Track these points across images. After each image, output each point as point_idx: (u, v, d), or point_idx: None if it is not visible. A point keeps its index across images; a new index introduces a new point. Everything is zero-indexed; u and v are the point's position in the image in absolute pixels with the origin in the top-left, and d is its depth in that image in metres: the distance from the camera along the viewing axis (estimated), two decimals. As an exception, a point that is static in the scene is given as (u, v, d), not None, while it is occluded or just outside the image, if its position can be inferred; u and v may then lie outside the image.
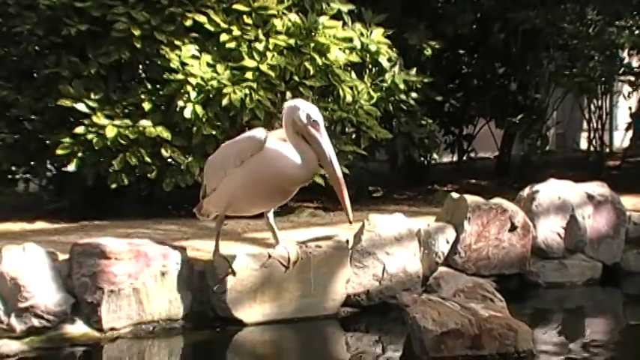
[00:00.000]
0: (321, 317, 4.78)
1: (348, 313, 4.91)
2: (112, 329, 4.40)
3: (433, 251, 5.21)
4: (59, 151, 5.92)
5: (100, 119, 5.86)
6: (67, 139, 5.91)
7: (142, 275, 4.46)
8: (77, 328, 4.36)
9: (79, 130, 5.86)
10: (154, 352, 4.41)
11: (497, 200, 5.45)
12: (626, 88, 8.92)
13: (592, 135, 9.03)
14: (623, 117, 10.67)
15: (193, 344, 4.56)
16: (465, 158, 9.36)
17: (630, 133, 9.43)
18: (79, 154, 5.92)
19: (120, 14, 5.95)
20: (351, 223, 4.37)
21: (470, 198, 5.38)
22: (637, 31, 7.25)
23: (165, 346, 4.46)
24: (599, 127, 8.97)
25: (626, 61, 8.10)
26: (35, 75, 6.36)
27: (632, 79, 8.17)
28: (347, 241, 4.95)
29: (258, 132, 4.32)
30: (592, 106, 8.94)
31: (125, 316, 4.43)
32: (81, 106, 5.90)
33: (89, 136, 5.83)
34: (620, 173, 8.70)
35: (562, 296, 5.52)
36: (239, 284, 4.57)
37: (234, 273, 4.56)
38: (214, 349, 4.53)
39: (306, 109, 4.12)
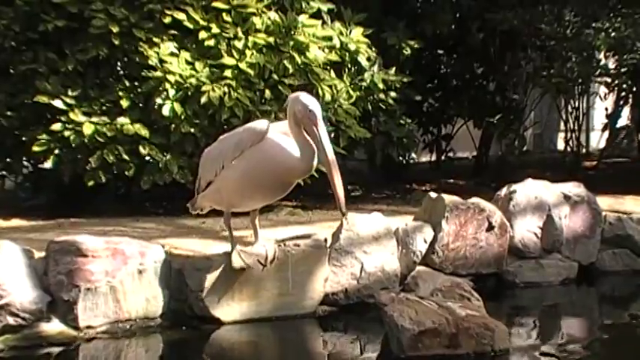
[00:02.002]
0: (299, 316, 4.78)
1: (326, 312, 4.91)
2: (88, 327, 4.37)
3: (411, 250, 5.23)
4: (36, 148, 5.87)
5: (77, 116, 5.82)
6: (44, 136, 5.86)
7: (119, 273, 4.44)
8: (53, 327, 4.33)
9: (56, 126, 5.81)
10: (130, 351, 4.38)
11: (474, 200, 5.48)
12: (603, 90, 9.00)
13: (569, 135, 9.11)
14: (599, 118, 10.78)
15: (170, 343, 4.53)
16: (443, 158, 9.41)
17: (606, 133, 9.52)
18: (56, 151, 5.88)
19: (98, 10, 5.91)
20: (344, 215, 4.35)
21: (448, 197, 5.40)
22: (613, 33, 7.31)
23: (142, 345, 4.44)
24: (576, 127, 9.04)
25: (602, 62, 8.17)
26: (12, 71, 6.29)
27: (609, 80, 8.24)
28: (325, 240, 4.95)
29: (260, 123, 4.31)
30: (569, 107, 9.02)
31: (102, 314, 4.40)
32: (58, 103, 5.86)
33: (66, 133, 5.79)
34: (596, 174, 8.78)
35: (538, 296, 5.56)
36: (217, 283, 4.55)
37: (249, 265, 4.52)
38: (192, 348, 4.51)
39: (305, 100, 4.11)
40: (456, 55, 8.89)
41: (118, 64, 6.31)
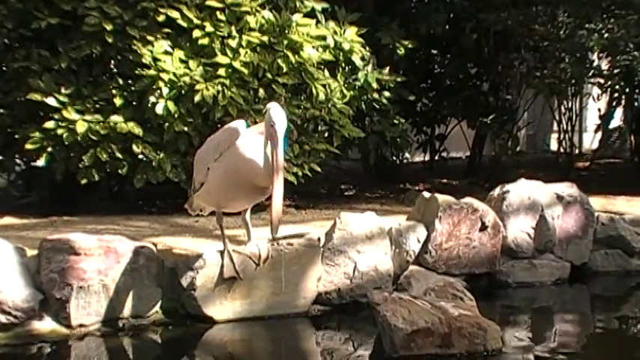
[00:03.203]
0: (291, 315, 4.78)
1: (319, 312, 4.91)
2: (80, 326, 4.36)
3: (404, 250, 5.23)
4: (29, 146, 5.86)
5: (70, 114, 5.80)
6: (37, 134, 5.84)
7: (112, 271, 4.43)
8: (45, 325, 4.32)
9: (49, 124, 5.80)
10: (123, 350, 4.38)
11: (468, 200, 5.48)
12: (596, 91, 9.02)
13: (562, 136, 9.14)
14: (592, 119, 10.81)
15: (163, 341, 4.53)
16: (436, 158, 9.42)
17: (599, 134, 9.54)
18: (49, 149, 5.86)
19: (91, 8, 5.89)
20: (274, 239, 4.34)
21: (441, 197, 5.40)
22: (606, 35, 7.33)
23: (135, 343, 4.43)
24: (569, 128, 9.06)
25: (595, 63, 8.20)
26: (4, 68, 6.27)
27: (602, 81, 8.26)
28: (318, 239, 4.95)
29: (235, 123, 4.33)
30: (562, 108, 9.04)
31: (94, 312, 4.39)
32: (51, 101, 5.84)
33: (59, 131, 5.77)
34: (589, 174, 8.80)
35: (531, 296, 5.57)
36: (209, 281, 4.55)
37: (240, 277, 4.56)
38: (184, 347, 4.50)
39: (272, 113, 4.10)
40: (449, 55, 8.91)
41: (112, 62, 6.29)
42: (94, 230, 5.11)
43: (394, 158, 8.38)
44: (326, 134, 6.55)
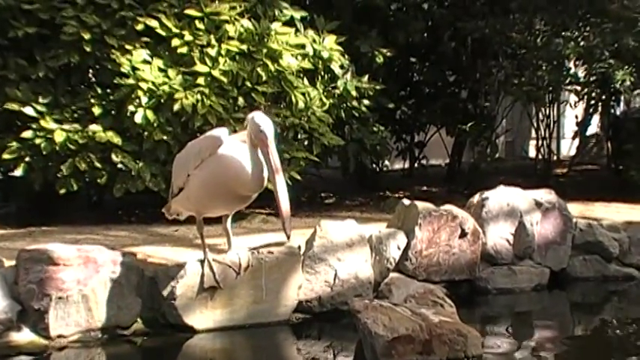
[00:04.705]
0: (272, 323, 4.77)
1: (300, 320, 4.91)
2: (59, 337, 4.33)
3: (384, 257, 5.24)
4: (6, 156, 5.81)
5: (48, 123, 5.76)
6: (15, 144, 5.80)
7: (91, 281, 4.40)
8: (24, 336, 4.28)
9: (27, 134, 5.75)
10: (102, 360, 4.36)
11: (447, 207, 5.51)
12: (573, 98, 9.10)
13: (540, 143, 9.20)
14: (570, 125, 10.90)
15: (143, 351, 4.51)
16: (416, 165, 9.44)
17: (577, 141, 9.62)
18: (27, 159, 5.82)
19: (69, 17, 5.87)
20: (288, 238, 4.36)
21: (421, 204, 5.42)
22: (582, 43, 7.40)
23: (115, 354, 4.39)
24: (547, 135, 9.13)
25: (572, 71, 8.27)
26: (-19, 78, 6.22)
27: (578, 88, 8.33)
28: (299, 247, 4.96)
29: (217, 131, 4.33)
30: (540, 115, 9.11)
31: (73, 323, 4.36)
32: (29, 110, 5.80)
33: (37, 141, 5.73)
34: (567, 181, 8.86)
35: (511, 302, 5.60)
36: (190, 290, 4.54)
37: (219, 286, 4.55)
38: (164, 357, 4.48)
39: (258, 120, 4.13)
40: (428, 63, 8.95)
41: (90, 71, 6.27)
42: (73, 240, 5.08)
43: (374, 166, 8.40)
44: (306, 142, 6.56)
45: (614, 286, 6.02)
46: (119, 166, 5.88)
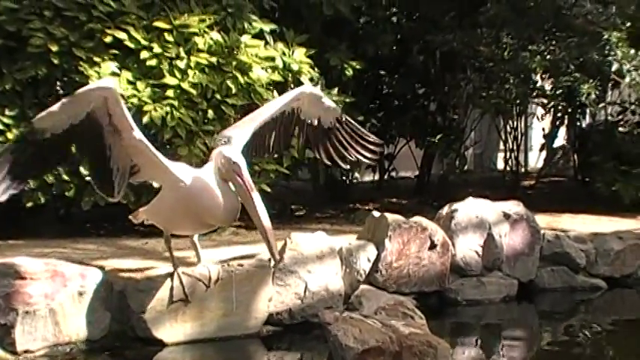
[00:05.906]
0: (243, 336, 4.76)
1: (271, 332, 4.90)
2: (26, 352, 4.27)
3: (355, 269, 5.25)
4: (-29, 169, 5.72)
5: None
6: (-20, 157, 5.72)
7: (59, 295, 4.36)
8: (-11, 352, 4.23)
9: (-6, 147, 5.68)
10: (70, 375, 4.30)
11: (417, 219, 5.54)
12: (540, 110, 9.22)
13: (508, 155, 9.29)
14: (537, 138, 11.02)
15: (112, 366, 4.47)
16: (386, 177, 9.48)
17: (544, 153, 9.72)
18: (-7, 172, 5.74)
19: (36, 29, 5.81)
20: (276, 263, 4.36)
21: (391, 216, 5.44)
22: (548, 56, 7.50)
23: (83, 369, 4.36)
24: (515, 147, 9.23)
25: (539, 84, 8.37)
26: (-53, 90, 6.14)
27: (545, 101, 8.45)
28: (269, 260, 4.94)
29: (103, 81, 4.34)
30: (508, 127, 9.21)
31: (41, 337, 4.31)
32: (-5, 123, 5.74)
33: (4, 154, 5.66)
34: (534, 192, 8.95)
35: (480, 313, 5.64)
36: (159, 304, 4.51)
37: (187, 300, 4.53)
38: (134, 371, 4.44)
39: (228, 154, 4.17)
40: (397, 75, 8.99)
41: (58, 83, 6.20)
42: (40, 254, 5.02)
43: (344, 178, 8.42)
44: (275, 155, 6.55)
45: (582, 296, 6.09)
46: (87, 178, 5.82)
